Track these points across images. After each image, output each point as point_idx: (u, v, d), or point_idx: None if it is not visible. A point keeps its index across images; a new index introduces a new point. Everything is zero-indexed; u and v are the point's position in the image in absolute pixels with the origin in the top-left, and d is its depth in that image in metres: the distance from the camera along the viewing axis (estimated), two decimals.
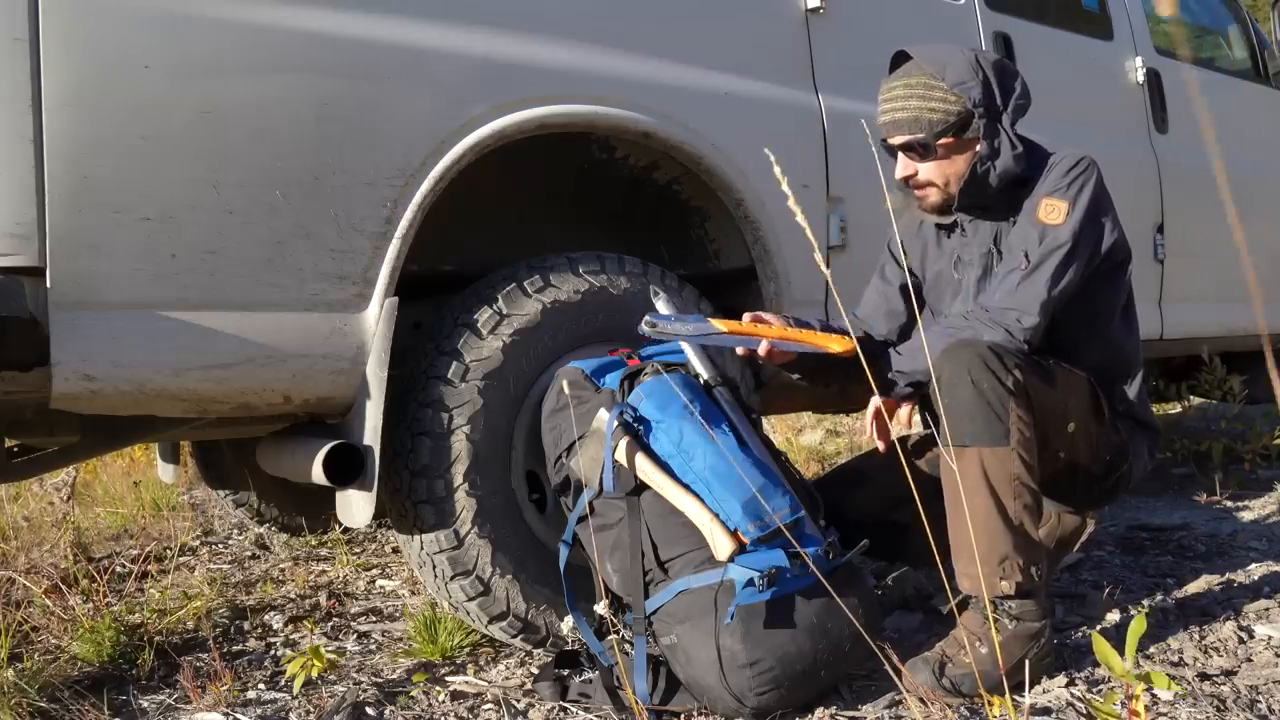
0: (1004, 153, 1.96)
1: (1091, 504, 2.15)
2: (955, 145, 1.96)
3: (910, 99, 1.95)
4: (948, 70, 1.94)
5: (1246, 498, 3.64)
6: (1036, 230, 1.93)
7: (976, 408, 1.78)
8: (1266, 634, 2.14)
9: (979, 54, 1.98)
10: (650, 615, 1.83)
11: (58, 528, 3.31)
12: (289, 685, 1.98)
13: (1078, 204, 1.93)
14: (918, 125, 1.95)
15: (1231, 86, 4.10)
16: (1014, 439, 1.79)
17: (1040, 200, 1.94)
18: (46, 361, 1.62)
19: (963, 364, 1.80)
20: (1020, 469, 1.80)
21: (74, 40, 1.63)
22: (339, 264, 1.88)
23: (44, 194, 1.61)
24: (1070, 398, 1.93)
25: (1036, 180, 1.99)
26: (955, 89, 1.93)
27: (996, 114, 1.96)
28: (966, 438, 1.79)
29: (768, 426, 3.43)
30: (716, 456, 1.86)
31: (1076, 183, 1.95)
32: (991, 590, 1.79)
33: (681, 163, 2.32)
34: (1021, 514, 1.80)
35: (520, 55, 2.09)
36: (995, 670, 1.77)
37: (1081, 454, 1.97)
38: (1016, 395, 1.80)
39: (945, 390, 1.80)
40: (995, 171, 1.96)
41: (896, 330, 2.23)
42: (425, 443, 2.01)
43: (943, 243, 2.14)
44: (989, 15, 3.05)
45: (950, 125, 1.94)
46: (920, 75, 1.96)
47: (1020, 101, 1.98)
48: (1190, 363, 4.01)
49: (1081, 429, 1.94)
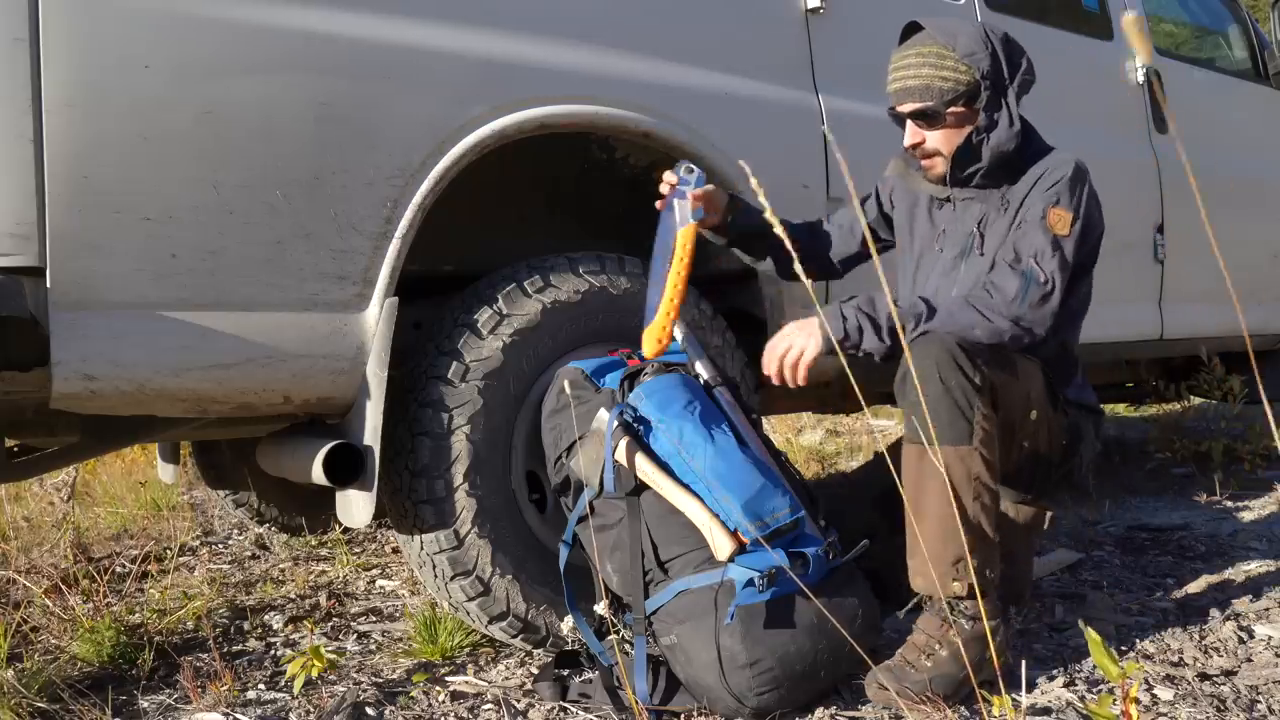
0: (1001, 126, 1.98)
1: (1050, 491, 2.15)
2: (964, 115, 1.99)
3: (923, 67, 1.98)
4: (959, 41, 1.97)
5: (1246, 498, 3.64)
6: (1047, 239, 1.92)
7: (943, 406, 1.78)
8: (1266, 634, 2.14)
9: (988, 27, 2.01)
10: (650, 615, 1.83)
11: (58, 528, 3.31)
12: (289, 685, 1.98)
13: (1079, 216, 1.96)
14: (929, 93, 1.97)
15: (1231, 86, 4.10)
16: (977, 437, 1.80)
17: (1047, 208, 1.94)
18: (46, 361, 1.62)
19: (932, 360, 1.80)
20: (981, 468, 1.80)
21: (74, 40, 1.63)
22: (339, 264, 1.88)
23: (44, 194, 1.60)
24: (1031, 387, 1.95)
25: (1028, 168, 2.00)
26: (966, 59, 1.96)
27: (1002, 87, 1.99)
28: (931, 435, 1.79)
29: (768, 426, 3.42)
30: (716, 457, 1.86)
31: (1079, 193, 1.97)
32: (946, 591, 1.81)
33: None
34: (979, 514, 1.81)
35: (521, 55, 2.09)
36: (960, 671, 1.78)
37: (1042, 442, 1.98)
38: (982, 393, 1.81)
39: (909, 386, 1.81)
40: (989, 144, 1.98)
41: (841, 255, 2.26)
42: (425, 443, 2.01)
43: (934, 214, 2.15)
44: (989, 15, 3.06)
45: (960, 94, 1.97)
46: (932, 45, 1.99)
47: (1026, 77, 2.01)
48: (1190, 363, 4.01)
49: (1042, 416, 1.96)
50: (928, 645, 1.83)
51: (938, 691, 1.78)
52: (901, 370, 1.84)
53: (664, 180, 2.08)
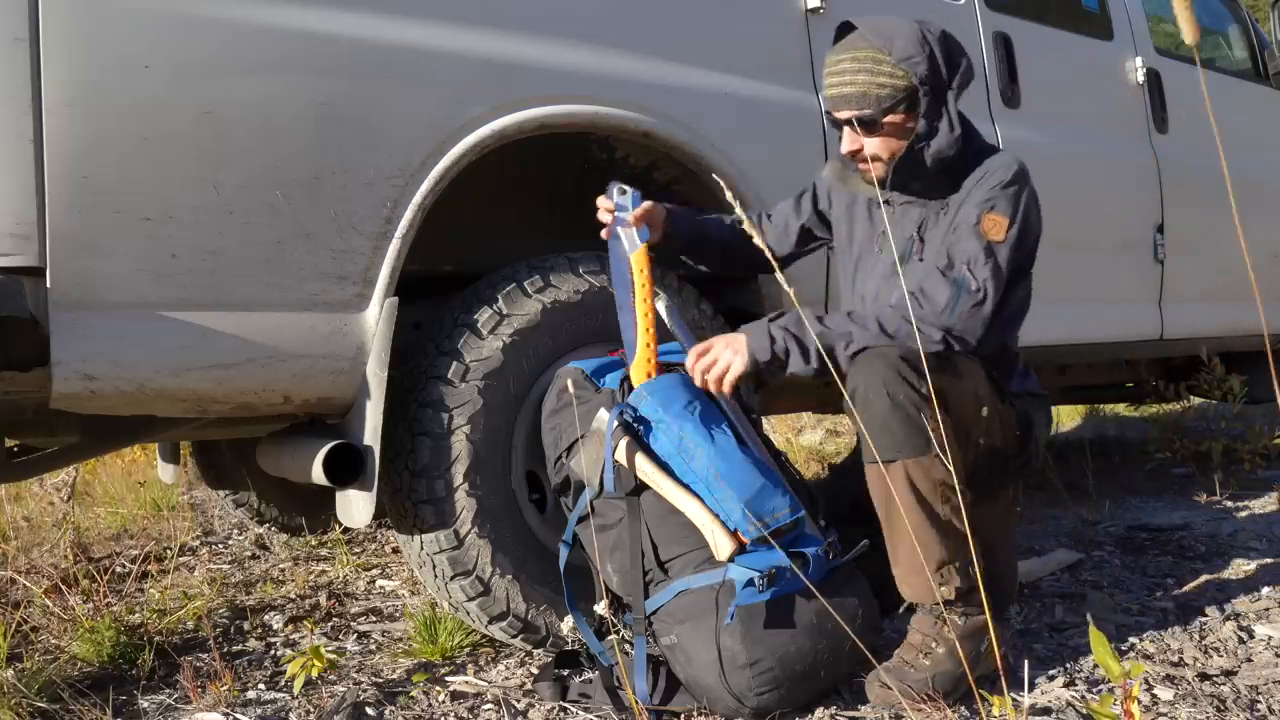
0: (941, 133, 1.93)
1: (1009, 484, 2.14)
2: (903, 121, 1.93)
3: (859, 73, 1.91)
4: (895, 44, 1.90)
5: (1246, 498, 3.64)
6: (980, 245, 1.88)
7: (895, 420, 1.76)
8: (1266, 634, 2.14)
9: (925, 27, 1.93)
10: (650, 615, 1.83)
11: (58, 528, 3.32)
12: (289, 685, 1.98)
13: (1017, 220, 1.90)
14: (865, 100, 1.91)
15: (1232, 86, 4.10)
16: (935, 444, 1.78)
17: (982, 213, 1.90)
18: (46, 361, 1.62)
19: (877, 376, 1.77)
20: (943, 473, 1.79)
21: (74, 40, 1.63)
22: (339, 264, 1.88)
23: (44, 194, 1.61)
24: (977, 385, 1.92)
25: (969, 171, 1.96)
26: (903, 64, 1.89)
27: (942, 91, 1.93)
28: (890, 452, 1.78)
29: (768, 426, 3.43)
30: (716, 456, 1.86)
31: (1017, 198, 1.91)
32: (934, 597, 1.81)
33: (681, 163, 2.32)
34: (950, 516, 1.80)
35: (521, 55, 2.09)
36: (958, 668, 1.78)
37: (997, 436, 1.96)
38: (932, 401, 1.78)
39: (860, 404, 1.79)
40: (929, 151, 1.93)
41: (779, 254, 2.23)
42: (425, 443, 2.01)
43: (873, 214, 2.10)
44: (989, 15, 3.06)
45: (898, 101, 1.90)
46: (867, 49, 1.91)
47: (966, 76, 1.95)
48: (1190, 363, 4.01)
49: (993, 412, 1.93)
50: (924, 644, 1.83)
51: (940, 689, 1.78)
52: (849, 390, 1.82)
53: (601, 208, 2.08)
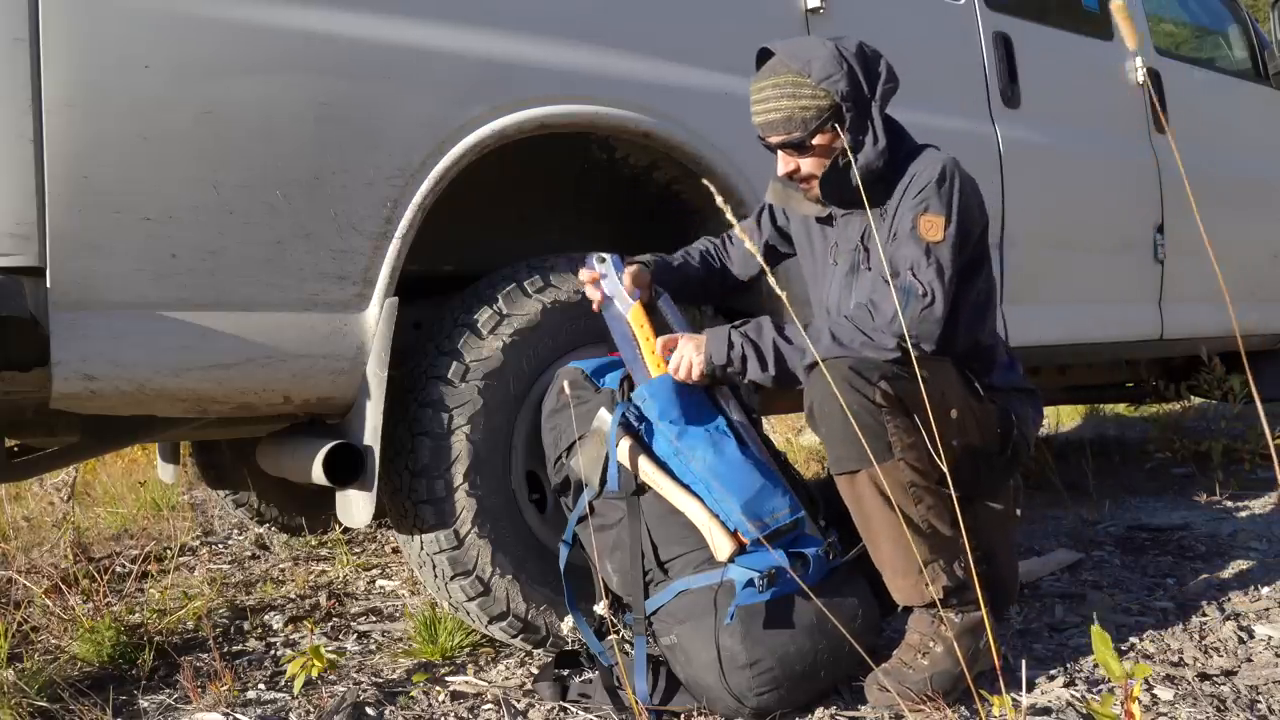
0: (866, 147, 1.94)
1: (999, 482, 2.13)
2: (831, 138, 1.95)
3: (782, 99, 1.94)
4: (813, 66, 1.92)
5: (1246, 498, 3.64)
6: (920, 248, 1.88)
7: (852, 430, 1.75)
8: (1266, 634, 2.14)
9: (840, 44, 1.96)
10: (650, 615, 1.83)
11: (58, 528, 3.32)
12: (289, 685, 1.98)
13: (953, 217, 1.90)
14: (791, 124, 1.94)
15: (1232, 86, 4.10)
16: (897, 449, 1.79)
17: (916, 216, 1.90)
18: (46, 361, 1.62)
19: (829, 389, 1.77)
20: (912, 475, 1.79)
21: (74, 40, 1.63)
22: (339, 264, 1.88)
23: (44, 194, 1.61)
24: (944, 386, 1.91)
25: (901, 175, 1.96)
26: (823, 84, 1.91)
27: (865, 105, 1.95)
28: (851, 462, 1.79)
29: (768, 426, 3.42)
30: (716, 457, 1.86)
31: (948, 194, 1.91)
32: (923, 599, 1.81)
33: (681, 162, 2.32)
34: (928, 516, 1.80)
35: (521, 55, 2.09)
36: (956, 667, 1.78)
37: (974, 436, 1.96)
38: (888, 407, 1.79)
39: (819, 419, 1.81)
40: (857, 164, 1.94)
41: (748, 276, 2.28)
42: (425, 443, 2.01)
43: (825, 231, 2.13)
44: (989, 15, 3.06)
45: (823, 120, 1.93)
46: (787, 74, 1.94)
47: (888, 86, 1.97)
48: (1190, 363, 4.01)
49: (965, 412, 1.93)
50: (922, 644, 1.83)
51: (938, 689, 1.78)
52: (806, 405, 1.84)
53: (585, 280, 2.08)
